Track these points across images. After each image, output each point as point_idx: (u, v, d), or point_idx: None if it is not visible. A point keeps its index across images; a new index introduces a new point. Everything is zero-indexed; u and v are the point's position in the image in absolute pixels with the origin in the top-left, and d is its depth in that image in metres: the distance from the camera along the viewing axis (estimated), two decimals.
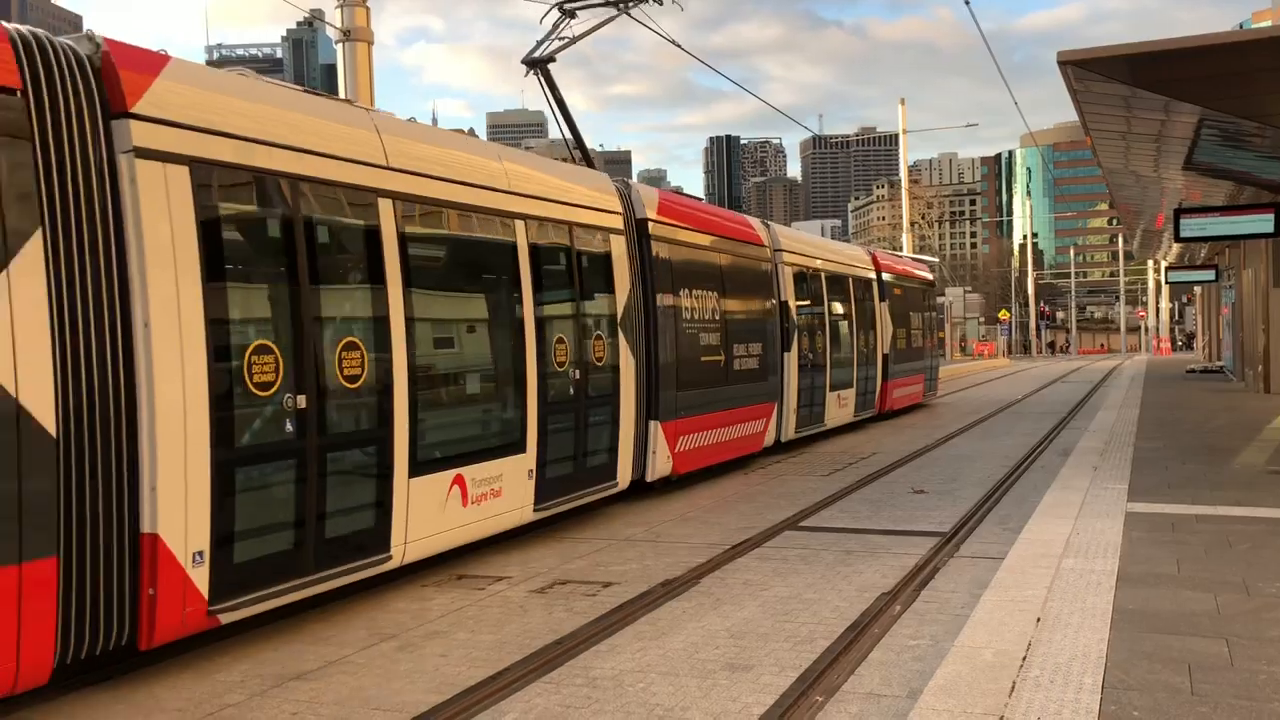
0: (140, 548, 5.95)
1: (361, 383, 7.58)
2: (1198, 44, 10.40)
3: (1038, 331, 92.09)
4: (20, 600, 5.26)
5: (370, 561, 7.64)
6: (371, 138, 8.03)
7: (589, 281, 11.04)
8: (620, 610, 7.46)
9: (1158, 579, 6.86)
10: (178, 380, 6.13)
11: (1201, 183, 20.82)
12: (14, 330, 5.31)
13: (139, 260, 6.00)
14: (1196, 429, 16.86)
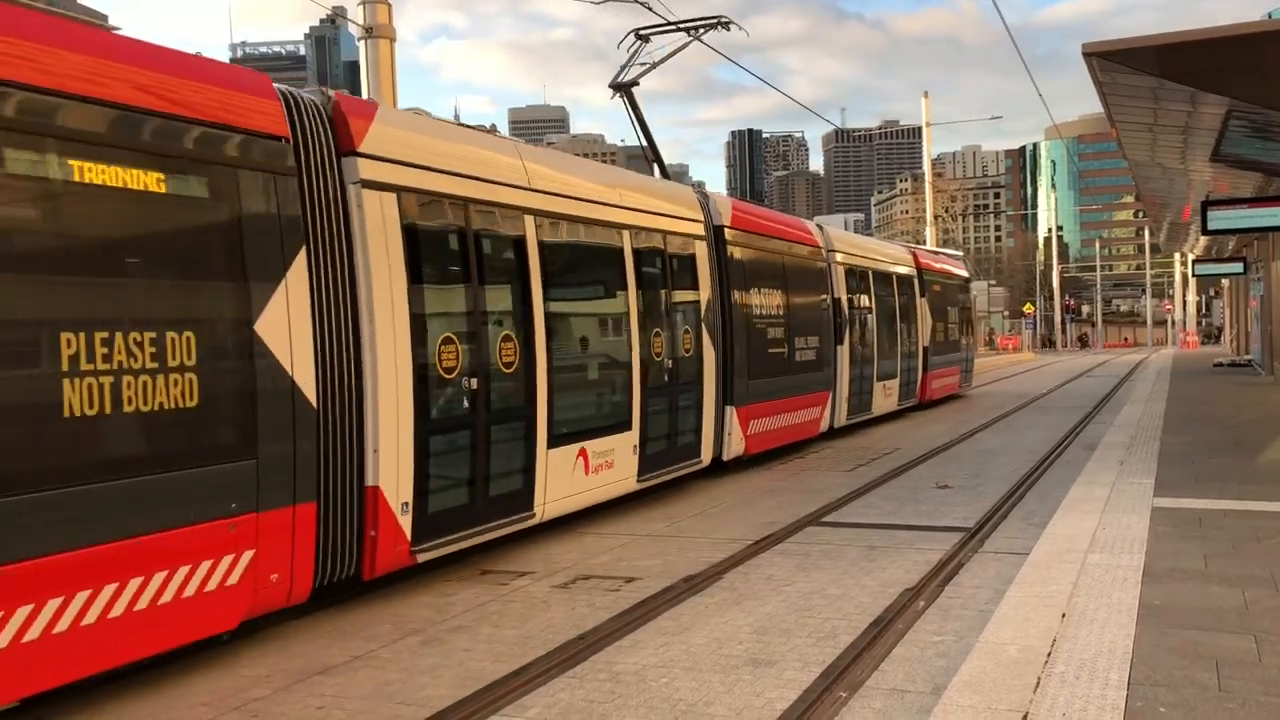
0: (365, 497, 7.47)
1: (514, 369, 9.11)
2: (1225, 34, 10.29)
3: (1063, 326, 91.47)
4: (294, 534, 6.77)
5: (520, 518, 9.18)
6: (518, 164, 9.61)
7: (678, 282, 12.54)
8: (643, 606, 7.47)
9: (1184, 574, 6.81)
10: (391, 363, 7.62)
11: (1229, 174, 20.61)
12: (290, 325, 6.77)
13: (365, 269, 7.51)
14: (1224, 423, 16.70)
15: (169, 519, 5.93)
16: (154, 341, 5.91)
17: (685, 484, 12.82)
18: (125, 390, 5.74)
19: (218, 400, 6.34)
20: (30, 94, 5.42)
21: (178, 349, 6.05)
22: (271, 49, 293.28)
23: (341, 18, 20.91)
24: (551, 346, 9.63)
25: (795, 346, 16.04)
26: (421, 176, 8.23)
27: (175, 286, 6.28)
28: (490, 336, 8.83)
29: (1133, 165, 20.27)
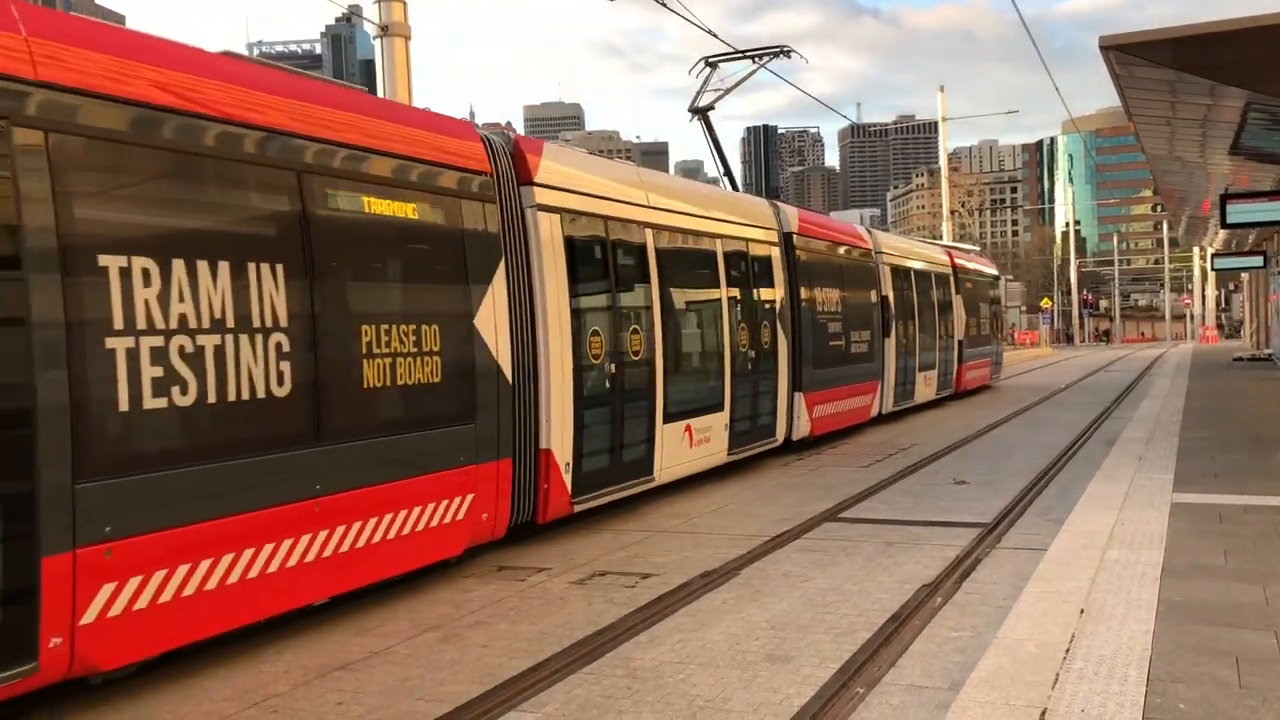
0: (540, 458, 9.42)
1: (640, 357, 11.07)
2: (1244, 26, 10.21)
3: (1081, 320, 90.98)
4: (497, 483, 8.74)
5: (644, 480, 11.16)
6: (639, 186, 11.75)
7: (757, 282, 14.35)
8: (660, 602, 7.48)
9: (1204, 570, 6.78)
10: (558, 350, 9.61)
11: (1248, 167, 20.48)
12: (495, 320, 8.76)
13: (539, 276, 9.51)
14: (1244, 418, 16.60)
15: (426, 466, 7.95)
16: (414, 332, 7.84)
17: (702, 481, 12.83)
18: (398, 369, 7.67)
19: (453, 377, 8.28)
20: (351, 150, 7.52)
21: (427, 338, 7.98)
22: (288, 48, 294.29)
23: (357, 16, 20.97)
24: (665, 338, 11.56)
25: (851, 340, 17.84)
26: (575, 200, 10.25)
27: (428, 290, 8.37)
28: (623, 330, 10.89)
29: (1151, 159, 20.16)
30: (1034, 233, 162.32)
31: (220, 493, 6.29)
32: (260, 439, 6.63)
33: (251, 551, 6.46)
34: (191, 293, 6.16)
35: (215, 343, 6.28)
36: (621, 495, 10.80)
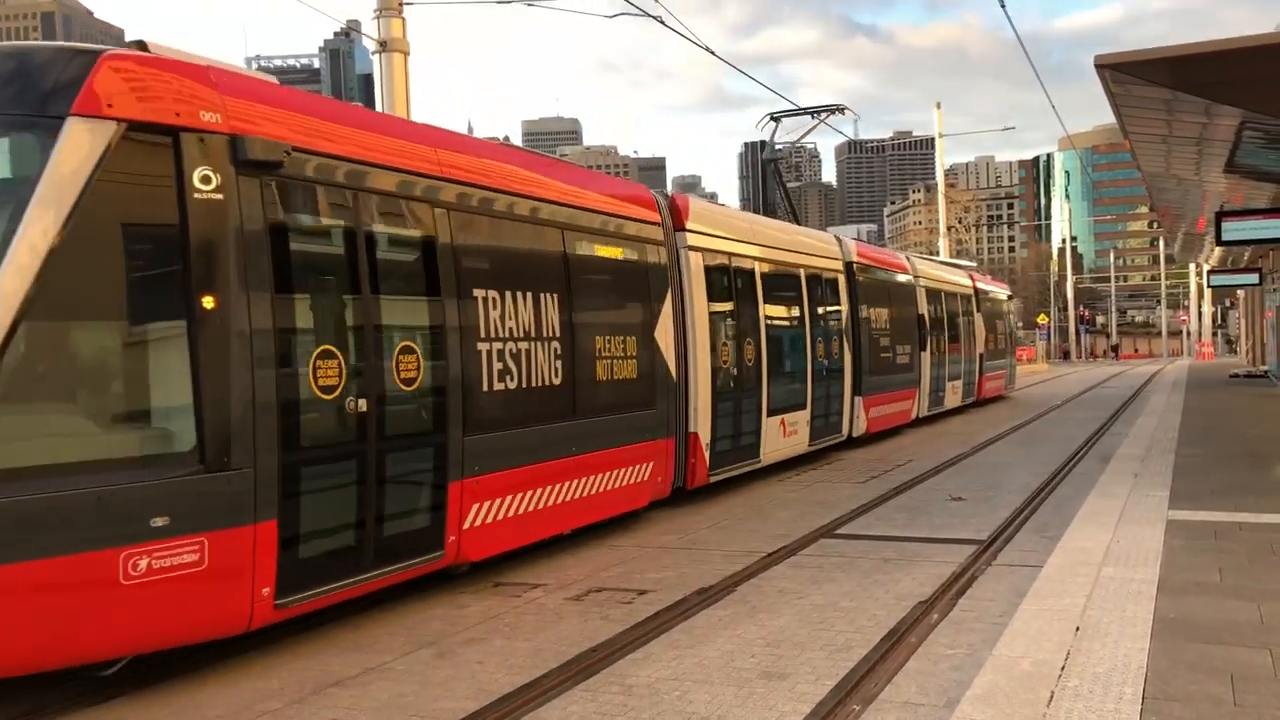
0: (689, 438, 12.23)
1: (752, 364, 13.99)
2: (1238, 46, 10.27)
3: (1078, 336, 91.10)
4: (666, 455, 11.64)
5: (754, 461, 14.04)
6: (749, 226, 14.99)
7: (828, 303, 17.34)
8: (656, 618, 7.47)
9: (1200, 588, 6.78)
10: (701, 355, 12.46)
11: (1244, 185, 20.55)
12: (665, 331, 11.69)
13: (689, 299, 12.40)
14: (1240, 435, 16.62)
15: (629, 439, 10.91)
16: (622, 340, 10.86)
17: (699, 496, 12.84)
18: (608, 369, 10.59)
19: (643, 374, 11.21)
20: (588, 212, 10.63)
21: (629, 345, 11.01)
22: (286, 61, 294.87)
23: (356, 31, 21.03)
24: (769, 349, 14.51)
25: (896, 352, 20.76)
26: (710, 240, 13.19)
27: (630, 309, 11.26)
28: (742, 342, 13.77)
29: (1146, 176, 20.23)
30: (1030, 249, 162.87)
31: (528, 448, 9.14)
32: (546, 413, 9.49)
33: (544, 489, 9.41)
34: (514, 313, 9.04)
35: (526, 347, 9.17)
36: (740, 472, 13.66)
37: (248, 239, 6.55)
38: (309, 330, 7.14)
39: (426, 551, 7.92)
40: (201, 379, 6.26)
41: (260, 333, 6.57)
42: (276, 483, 6.57)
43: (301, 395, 6.90)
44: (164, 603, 6.00)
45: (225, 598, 6.35)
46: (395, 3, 16.30)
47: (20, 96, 6.17)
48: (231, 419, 6.36)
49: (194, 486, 6.16)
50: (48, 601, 5.60)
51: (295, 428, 6.84)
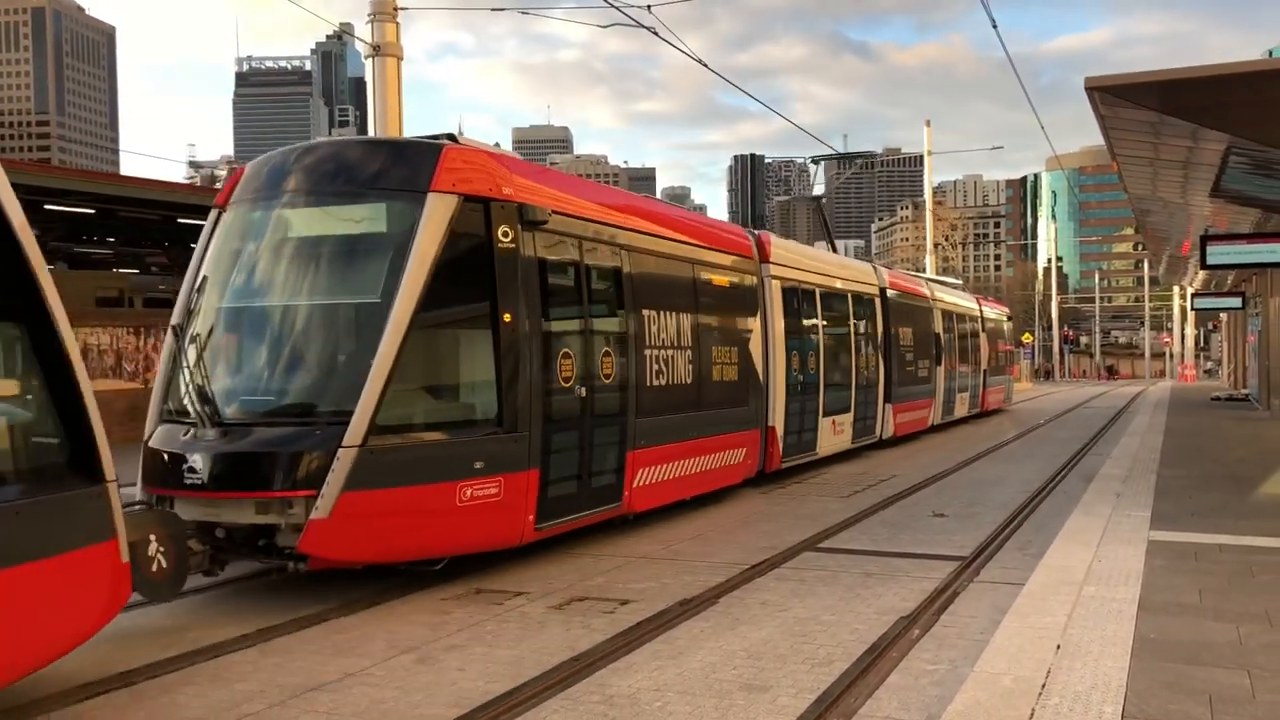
0: (768, 431, 14.95)
1: (813, 371, 16.97)
2: (1226, 72, 10.36)
3: (1061, 356, 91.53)
4: (754, 443, 14.47)
5: (810, 453, 16.86)
6: (815, 263, 18.16)
7: (868, 322, 20.32)
8: (638, 628, 7.47)
9: (1179, 608, 6.82)
10: (779, 365, 15.23)
11: (1229, 210, 20.71)
12: (755, 343, 14.56)
13: (771, 316, 15.23)
14: (1221, 457, 16.73)
15: (731, 428, 13.70)
16: (729, 350, 13.76)
17: (682, 509, 12.84)
18: (720, 372, 13.41)
19: (741, 376, 14.04)
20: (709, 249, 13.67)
21: (733, 354, 13.88)
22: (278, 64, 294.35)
23: (349, 35, 21.00)
24: (825, 360, 17.58)
25: (918, 366, 23.72)
26: (785, 270, 16.21)
27: (733, 325, 14.10)
28: (806, 353, 16.79)
29: (1133, 198, 20.37)
30: (1016, 268, 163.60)
31: (669, 431, 11.91)
32: (681, 405, 12.30)
33: (677, 463, 12.20)
34: (664, 327, 11.96)
35: (670, 354, 12.07)
36: (801, 461, 16.59)
37: (526, 273, 9.47)
38: (558, 337, 9.96)
39: (612, 501, 10.86)
40: (501, 371, 9.16)
41: (533, 339, 9.47)
42: (540, 443, 9.47)
43: (552, 384, 9.76)
44: (477, 520, 8.90)
45: (510, 520, 9.22)
46: (389, 7, 16.31)
47: (397, 177, 9.19)
48: (518, 398, 9.25)
49: (496, 443, 9.09)
50: (419, 513, 8.55)
51: (550, 406, 9.68)
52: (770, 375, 15.12)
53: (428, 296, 8.59)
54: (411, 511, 8.50)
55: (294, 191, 9.34)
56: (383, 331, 8.39)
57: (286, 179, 9.43)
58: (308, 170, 9.41)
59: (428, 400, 9.18)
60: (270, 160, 9.76)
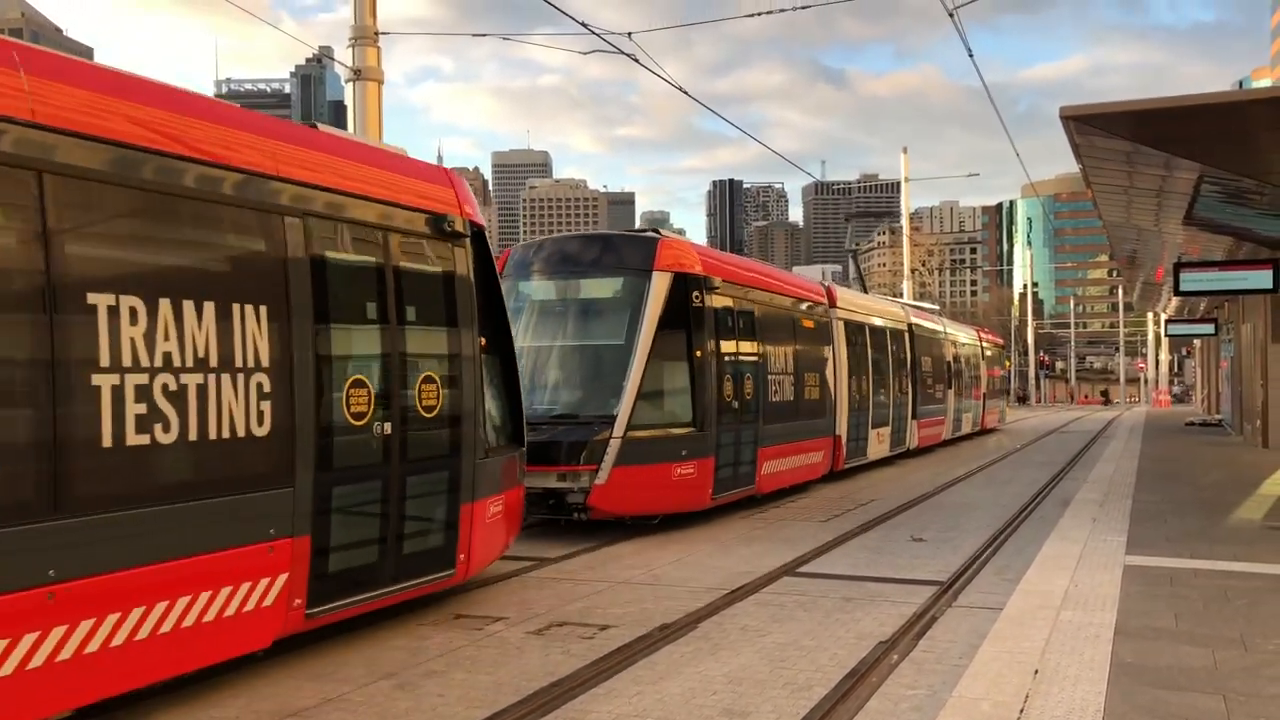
0: (835, 439, 19.48)
1: (864, 392, 21.22)
2: (1198, 102, 10.53)
3: (1037, 381, 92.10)
4: (827, 448, 19.08)
5: (863, 458, 20.97)
6: (864, 303, 23.21)
7: (900, 352, 24.72)
8: (618, 654, 7.45)
9: (1155, 633, 6.88)
10: (843, 386, 19.86)
11: (1201, 237, 20.97)
12: (828, 369, 19.32)
13: (837, 349, 19.88)
14: (1195, 483, 16.87)
15: (814, 435, 18.09)
16: (815, 374, 18.48)
17: (663, 530, 12.83)
18: (809, 392, 17.97)
19: (820, 395, 18.50)
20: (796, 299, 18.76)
21: (815, 378, 18.44)
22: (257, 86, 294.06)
23: (329, 58, 21.01)
24: (874, 383, 22.13)
25: (935, 389, 28.40)
26: (846, 312, 20.64)
27: (816, 357, 18.71)
28: (861, 378, 21.19)
29: (1108, 225, 20.60)
30: (992, 293, 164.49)
31: (778, 435, 16.11)
32: (785, 415, 16.62)
33: (786, 459, 16.61)
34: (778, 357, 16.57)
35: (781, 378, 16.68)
36: (857, 464, 20.81)
37: (707, 322, 13.92)
38: (725, 364, 14.36)
39: (749, 484, 15.21)
40: (695, 389, 13.57)
41: (712, 366, 13.92)
42: (715, 439, 13.83)
43: (722, 398, 14.20)
44: (681, 491, 13.35)
45: (699, 493, 13.66)
46: (370, 32, 16.34)
47: (633, 261, 13.74)
48: (704, 408, 13.63)
49: (693, 439, 13.46)
50: (653, 484, 12.98)
51: (721, 413, 14.10)
52: (837, 395, 19.56)
53: (655, 340, 13.17)
54: (649, 483, 12.96)
55: (576, 268, 14.11)
56: (630, 363, 12.97)
57: (558, 259, 14.32)
58: (573, 255, 14.33)
59: (657, 409, 13.45)
60: (540, 245, 14.82)
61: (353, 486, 7.63)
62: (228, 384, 6.51)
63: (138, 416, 5.90)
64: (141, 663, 5.92)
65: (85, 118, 5.80)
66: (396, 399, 8.02)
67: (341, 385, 7.54)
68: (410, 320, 8.35)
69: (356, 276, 7.92)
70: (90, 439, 5.66)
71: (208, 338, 6.36)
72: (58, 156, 5.63)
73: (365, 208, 7.91)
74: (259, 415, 6.74)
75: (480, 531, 8.93)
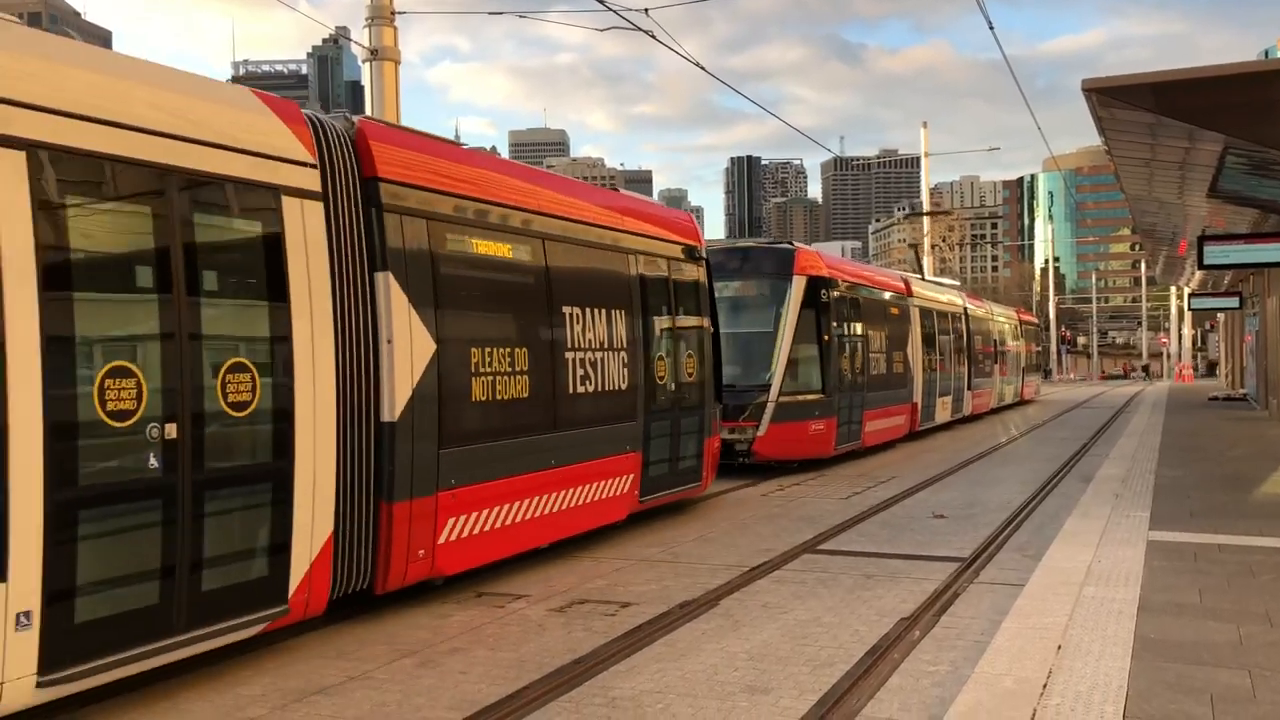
0: (913, 405, 23.85)
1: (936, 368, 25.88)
2: (1221, 73, 10.39)
3: (1059, 356, 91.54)
4: (904, 414, 23.35)
5: (931, 421, 25.36)
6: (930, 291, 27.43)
7: (958, 332, 28.62)
8: (639, 631, 7.48)
9: (1180, 608, 6.84)
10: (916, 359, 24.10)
11: (1226, 210, 20.73)
12: (909, 349, 23.88)
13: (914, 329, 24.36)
14: (1219, 458, 16.76)
15: (899, 402, 22.61)
16: (898, 351, 22.82)
17: (683, 509, 12.86)
18: (894, 366, 22.37)
19: (903, 370, 23.01)
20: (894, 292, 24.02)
21: (900, 354, 22.97)
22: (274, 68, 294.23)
23: (345, 39, 21.02)
24: (939, 358, 25.93)
25: (984, 363, 32.19)
26: (920, 300, 24.91)
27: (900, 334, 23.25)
28: (932, 356, 25.31)
29: (1130, 199, 20.40)
30: (1013, 269, 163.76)
31: (878, 401, 20.74)
32: (880, 385, 20.98)
33: (880, 420, 20.97)
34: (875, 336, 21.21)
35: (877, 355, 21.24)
36: (928, 426, 24.77)
37: (832, 313, 18.19)
38: (843, 344, 18.70)
39: (856, 440, 19.50)
40: (823, 364, 17.80)
41: (835, 346, 18.18)
42: (837, 404, 18.14)
43: (843, 371, 18.57)
44: (815, 443, 17.75)
45: (827, 444, 18.00)
46: (386, 11, 16.31)
47: (779, 267, 17.91)
48: (830, 378, 17.83)
49: (822, 403, 17.70)
50: (796, 437, 17.38)
51: (842, 383, 18.42)
52: (914, 369, 23.57)
53: (795, 328, 17.53)
54: (793, 436, 17.32)
55: (736, 272, 17.92)
56: (778, 345, 17.38)
57: (720, 266, 16.54)
58: (733, 263, 18.08)
59: (797, 380, 17.53)
60: (725, 249, 19.31)
61: (667, 421, 12.07)
62: (612, 358, 10.85)
63: (580, 377, 10.25)
64: (576, 520, 10.36)
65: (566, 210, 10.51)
66: (674, 366, 12.33)
67: (651, 355, 11.79)
68: (680, 313, 12.63)
69: (658, 286, 12.21)
70: (565, 389, 10.02)
71: (604, 331, 10.71)
72: (555, 231, 10.14)
73: (661, 245, 12.37)
74: (625, 378, 11.08)
75: (710, 459, 13.19)
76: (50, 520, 5.34)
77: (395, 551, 7.80)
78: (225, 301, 6.78)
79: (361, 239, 7.70)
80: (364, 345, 7.64)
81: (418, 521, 7.97)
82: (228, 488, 6.49)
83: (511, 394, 9.12)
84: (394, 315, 7.80)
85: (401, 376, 7.82)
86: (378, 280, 7.77)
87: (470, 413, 8.63)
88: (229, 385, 6.44)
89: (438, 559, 8.27)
